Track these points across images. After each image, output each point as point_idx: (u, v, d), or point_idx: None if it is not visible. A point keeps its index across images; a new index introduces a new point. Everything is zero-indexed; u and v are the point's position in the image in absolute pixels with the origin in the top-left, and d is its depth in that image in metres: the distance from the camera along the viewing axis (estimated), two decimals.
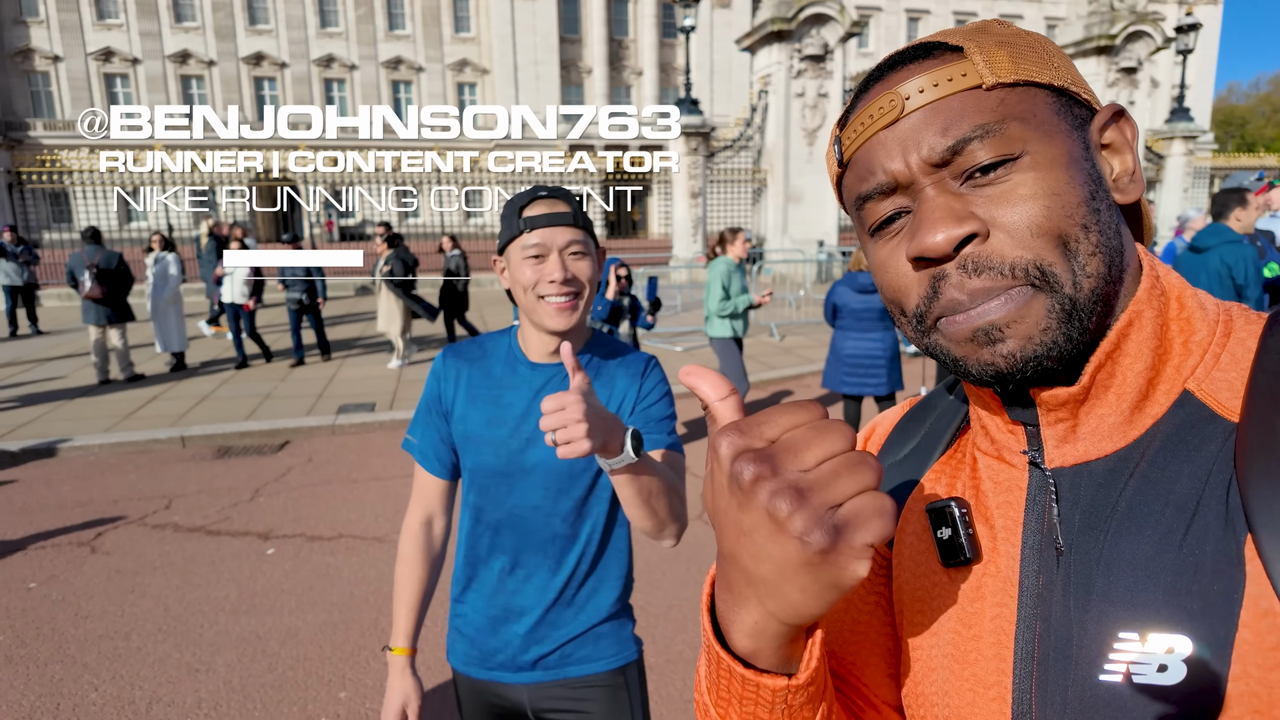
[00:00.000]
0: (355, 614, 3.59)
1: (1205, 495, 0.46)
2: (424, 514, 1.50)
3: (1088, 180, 0.50)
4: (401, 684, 1.46)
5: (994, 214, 0.49)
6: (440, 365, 1.47)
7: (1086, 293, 0.49)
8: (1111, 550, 0.49)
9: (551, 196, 1.34)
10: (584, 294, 1.33)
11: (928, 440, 0.67)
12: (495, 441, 1.38)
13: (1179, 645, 0.44)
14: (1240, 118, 60.98)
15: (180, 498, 5.22)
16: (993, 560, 0.56)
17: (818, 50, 15.66)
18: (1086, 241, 0.49)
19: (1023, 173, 0.49)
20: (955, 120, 0.50)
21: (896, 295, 0.54)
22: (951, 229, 0.49)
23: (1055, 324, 0.49)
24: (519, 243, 1.32)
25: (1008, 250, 0.49)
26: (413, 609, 1.48)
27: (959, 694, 0.56)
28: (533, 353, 1.41)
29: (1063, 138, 0.50)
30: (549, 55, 40.03)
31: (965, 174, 0.50)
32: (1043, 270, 0.48)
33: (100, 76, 37.62)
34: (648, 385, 1.44)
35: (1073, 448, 0.53)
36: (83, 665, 3.21)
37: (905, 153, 0.51)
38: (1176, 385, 0.51)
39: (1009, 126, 0.49)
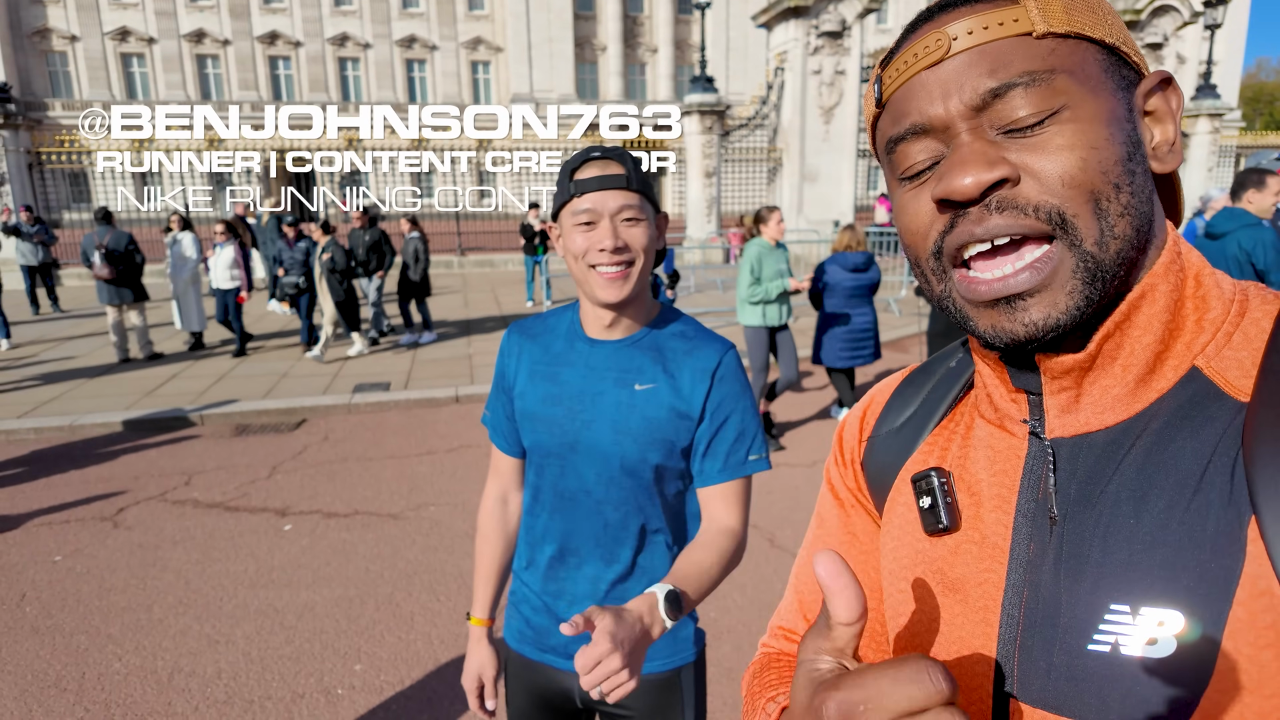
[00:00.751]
0: (370, 589, 3.65)
1: (1209, 472, 0.46)
2: (499, 490, 1.50)
3: (1127, 141, 0.49)
4: (479, 653, 1.46)
5: (1027, 161, 0.48)
6: (506, 342, 1.43)
7: (1112, 254, 0.48)
8: (1108, 522, 0.49)
9: (605, 158, 1.25)
10: (637, 263, 1.24)
11: (924, 408, 0.67)
12: (550, 420, 1.32)
13: (1170, 620, 0.45)
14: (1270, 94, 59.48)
15: (199, 474, 5.31)
16: (979, 527, 0.56)
17: (835, 26, 15.41)
18: (1117, 201, 0.48)
19: (1062, 125, 0.48)
20: (1001, 65, 0.49)
21: (914, 238, 0.54)
22: (982, 173, 0.48)
23: (1080, 286, 0.48)
24: (569, 208, 1.25)
25: (1036, 194, 0.48)
26: (490, 581, 1.48)
27: (944, 657, 0.56)
28: (590, 328, 1.34)
29: (1108, 95, 0.49)
30: (563, 32, 39.68)
31: (1004, 125, 0.49)
32: (1064, 217, 0.48)
33: (117, 56, 37.75)
34: (722, 394, 1.29)
35: (1074, 418, 0.53)
36: (107, 636, 3.29)
37: (945, 96, 0.50)
38: (1186, 361, 0.51)
39: (1056, 78, 0.48)
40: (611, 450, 1.28)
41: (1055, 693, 0.49)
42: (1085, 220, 0.48)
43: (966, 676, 0.55)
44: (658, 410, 1.28)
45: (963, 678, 0.55)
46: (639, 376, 1.29)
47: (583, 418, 1.30)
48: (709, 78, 16.05)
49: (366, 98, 40.67)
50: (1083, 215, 0.48)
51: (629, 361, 1.31)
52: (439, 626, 3.32)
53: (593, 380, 1.31)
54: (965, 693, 0.55)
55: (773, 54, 16.53)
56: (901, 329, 9.61)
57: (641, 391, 1.29)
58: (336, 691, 2.90)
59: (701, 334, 1.35)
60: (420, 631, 3.29)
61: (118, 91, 37.84)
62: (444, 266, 17.49)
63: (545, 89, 39.82)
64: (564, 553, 1.36)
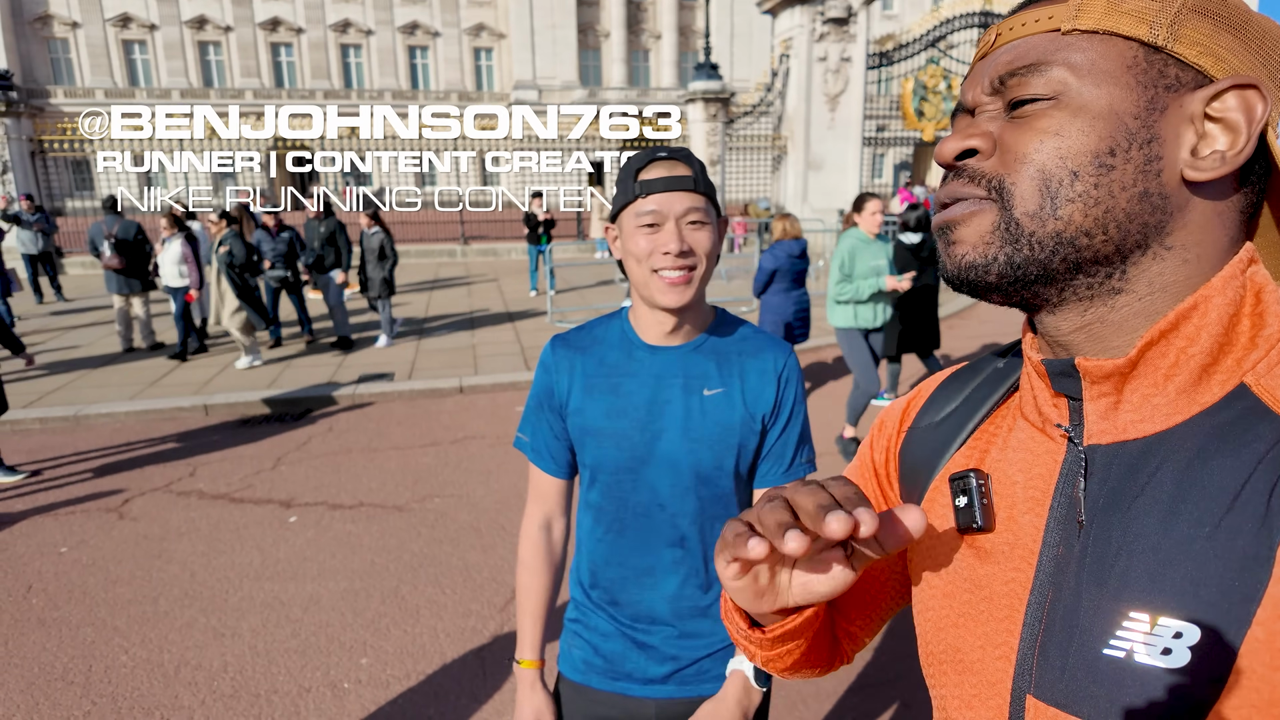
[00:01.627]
0: (376, 581, 3.65)
1: (1245, 491, 0.46)
2: (543, 516, 1.40)
3: (1117, 136, 0.50)
4: (533, 700, 1.36)
5: (1006, 138, 0.53)
6: (549, 356, 1.35)
7: (1049, 231, 0.51)
8: (1136, 531, 0.49)
9: (672, 158, 1.21)
10: (700, 268, 1.21)
11: (966, 405, 0.69)
12: (617, 434, 1.26)
13: (1187, 632, 0.45)
14: None
15: (205, 465, 5.30)
16: (1013, 529, 0.58)
17: (841, 13, 15.27)
18: (1070, 188, 0.50)
19: (1051, 112, 0.51)
20: (1019, 56, 0.53)
21: None
22: (957, 142, 0.55)
23: (998, 241, 0.53)
24: (633, 209, 1.21)
25: (990, 167, 0.54)
26: (538, 618, 1.39)
27: (969, 650, 0.59)
28: (648, 334, 1.29)
29: (1115, 90, 0.50)
30: (566, 19, 39.41)
31: (1008, 105, 0.54)
32: (1001, 185, 0.52)
33: (119, 43, 37.60)
34: (787, 396, 1.28)
35: (1113, 424, 0.53)
36: (113, 628, 3.30)
37: (978, 83, 0.57)
38: (1235, 377, 0.50)
39: (1054, 69, 0.51)
40: (686, 460, 1.24)
41: (1068, 693, 0.50)
42: (1023, 191, 0.51)
43: (987, 672, 0.57)
44: (730, 414, 1.25)
45: (983, 673, 0.57)
46: (706, 382, 1.26)
47: (652, 429, 1.25)
48: (713, 64, 15.94)
49: (369, 85, 40.50)
50: (1021, 186, 0.51)
51: (694, 367, 1.27)
52: (445, 620, 3.32)
53: (659, 389, 1.26)
54: (985, 687, 0.57)
55: (778, 41, 16.40)
56: None
57: (711, 397, 1.25)
58: (343, 685, 2.90)
59: (761, 336, 1.33)
60: (426, 625, 3.28)
61: (119, 79, 37.72)
62: (447, 255, 17.47)
63: (548, 76, 39.59)
64: (638, 573, 1.30)
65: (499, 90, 41.54)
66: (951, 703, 0.61)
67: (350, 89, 40.06)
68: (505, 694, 2.84)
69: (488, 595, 3.51)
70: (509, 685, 2.88)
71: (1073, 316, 0.54)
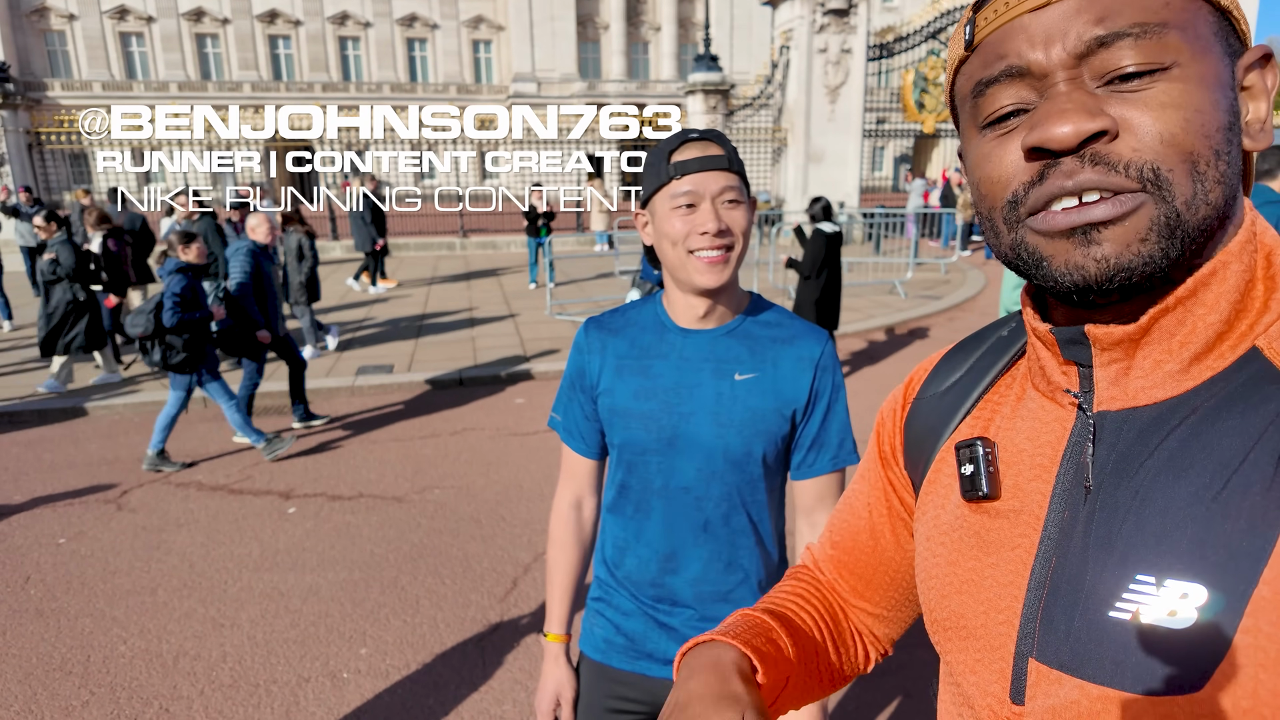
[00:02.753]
0: (375, 572, 3.64)
1: (1254, 453, 0.45)
2: (573, 495, 1.42)
3: (1230, 109, 0.48)
4: (556, 671, 1.39)
5: (1128, 116, 0.46)
6: (583, 338, 1.35)
7: (1199, 218, 0.47)
8: (1144, 495, 0.49)
9: (704, 139, 1.20)
10: (737, 247, 1.20)
11: (971, 374, 0.68)
12: (645, 415, 1.26)
13: (1194, 593, 0.45)
14: None
15: (203, 457, 5.29)
16: (1019, 495, 0.57)
17: (841, 4, 15.19)
18: (1215, 168, 0.47)
19: (1170, 83, 0.46)
20: (1113, 13, 0.46)
21: (993, 187, 0.52)
22: (1083, 122, 0.46)
23: (1156, 236, 0.47)
24: (667, 191, 1.19)
25: (1130, 152, 0.46)
26: (567, 594, 1.41)
27: (973, 615, 0.58)
28: (681, 317, 1.28)
29: (1215, 59, 0.47)
30: (565, 11, 39.24)
31: (1106, 76, 0.47)
32: (1158, 174, 0.46)
33: (116, 35, 37.44)
34: (825, 383, 1.27)
35: (1123, 391, 0.52)
36: (112, 619, 3.29)
37: (1049, 41, 0.48)
38: (1246, 341, 0.49)
39: (1168, 34, 0.46)
40: (714, 443, 1.23)
41: (1072, 655, 0.50)
42: (1180, 179, 0.46)
43: (990, 637, 0.57)
44: (761, 400, 1.24)
45: (986, 638, 0.57)
46: (738, 366, 1.25)
47: (680, 410, 1.25)
48: (713, 56, 15.87)
49: (367, 77, 40.35)
50: (1178, 174, 0.46)
51: (726, 351, 1.26)
52: (444, 610, 3.31)
53: (689, 372, 1.26)
54: (989, 651, 0.57)
55: (778, 32, 16.32)
56: (907, 311, 9.55)
57: (742, 381, 1.24)
58: (342, 675, 2.89)
59: (797, 323, 1.32)
60: (425, 615, 3.27)
61: (117, 71, 37.57)
62: (445, 249, 17.43)
63: (547, 69, 39.45)
64: (662, 555, 1.30)
65: (498, 83, 41.39)
66: (958, 668, 0.61)
67: (349, 82, 39.91)
68: (505, 684, 2.83)
69: (488, 586, 3.50)
70: (509, 675, 2.88)
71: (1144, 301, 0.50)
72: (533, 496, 4.46)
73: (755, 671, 0.64)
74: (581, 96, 37.88)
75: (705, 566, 1.29)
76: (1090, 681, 0.49)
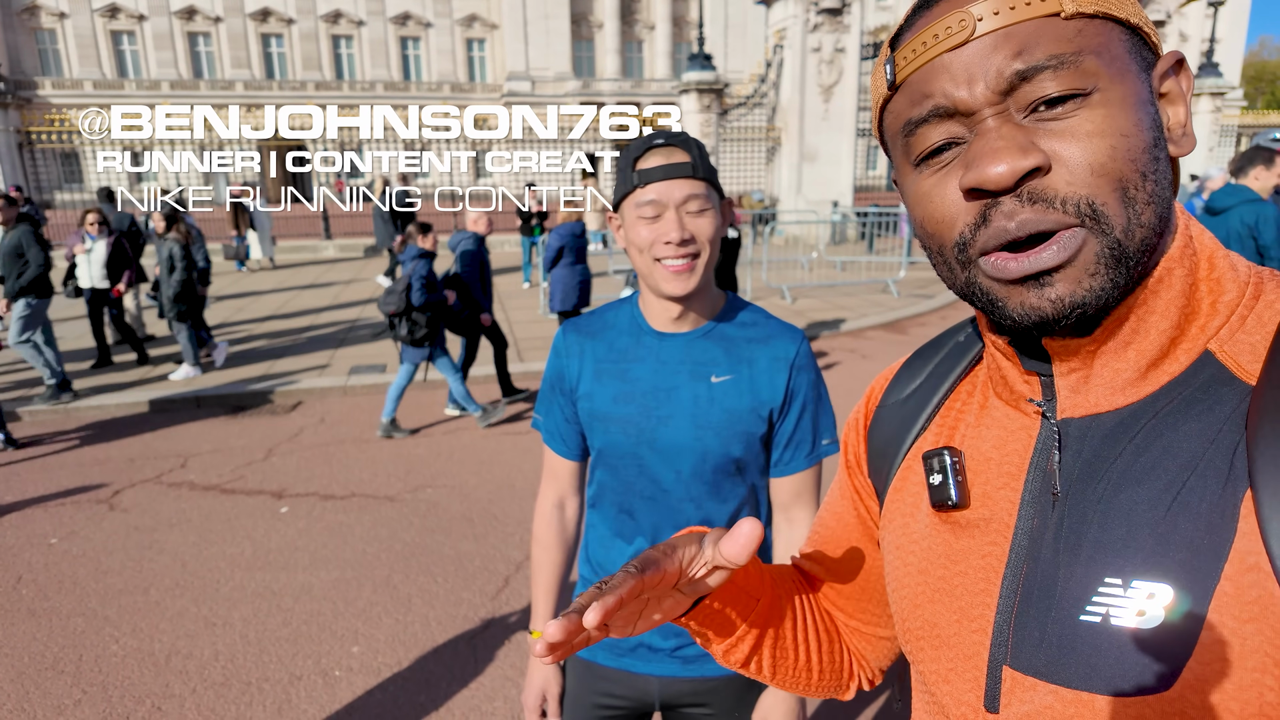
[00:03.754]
0: (368, 571, 3.65)
1: (1210, 453, 0.47)
2: (556, 496, 1.43)
3: (1152, 126, 0.49)
4: (541, 670, 1.40)
5: (1057, 149, 0.47)
6: (561, 341, 1.36)
7: (1137, 242, 0.48)
8: (1109, 499, 0.50)
9: (669, 144, 1.19)
10: (703, 255, 1.20)
11: (931, 380, 0.68)
12: (624, 419, 1.28)
13: (1160, 593, 0.46)
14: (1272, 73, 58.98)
15: (195, 456, 5.29)
16: (988, 504, 0.58)
17: (835, 3, 15.22)
18: (1144, 190, 0.48)
19: (1092, 109, 0.47)
20: (1029, 46, 0.47)
21: (938, 227, 0.52)
22: (1017, 161, 0.46)
23: (1104, 269, 0.48)
24: (633, 199, 1.20)
25: (1064, 186, 0.47)
26: (551, 593, 1.42)
27: (946, 623, 0.59)
28: (657, 320, 1.29)
29: (1133, 78, 0.48)
30: (559, 9, 39.22)
31: (1031, 106, 0.48)
32: (1094, 209, 0.47)
33: (107, 34, 37.29)
34: (801, 382, 1.28)
35: (1085, 398, 0.53)
36: (104, 618, 3.29)
37: (972, 79, 0.49)
38: (1199, 345, 0.51)
39: (1085, 60, 0.47)
40: (692, 446, 1.25)
41: (1046, 661, 0.51)
42: (1113, 209, 0.47)
43: (964, 645, 0.57)
44: (738, 401, 1.25)
45: (959, 647, 0.57)
46: (714, 368, 1.26)
47: (659, 414, 1.26)
48: (707, 55, 15.88)
49: (360, 76, 40.26)
50: (1111, 204, 0.47)
51: (702, 354, 1.27)
52: (436, 608, 3.32)
53: (666, 375, 1.27)
54: (962, 660, 0.57)
55: (772, 31, 16.35)
56: (900, 310, 9.59)
57: (719, 384, 1.26)
58: (334, 673, 2.90)
59: (773, 322, 1.32)
60: (418, 613, 3.29)
61: (108, 70, 37.41)
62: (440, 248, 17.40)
63: (541, 67, 39.42)
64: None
65: (492, 82, 41.34)
66: (931, 677, 0.61)
67: (342, 80, 39.81)
68: (496, 681, 2.85)
69: (480, 584, 3.52)
70: (500, 673, 2.89)
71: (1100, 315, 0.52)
72: (525, 495, 4.47)
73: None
74: (576, 95, 37.85)
75: None
76: (1064, 686, 0.49)
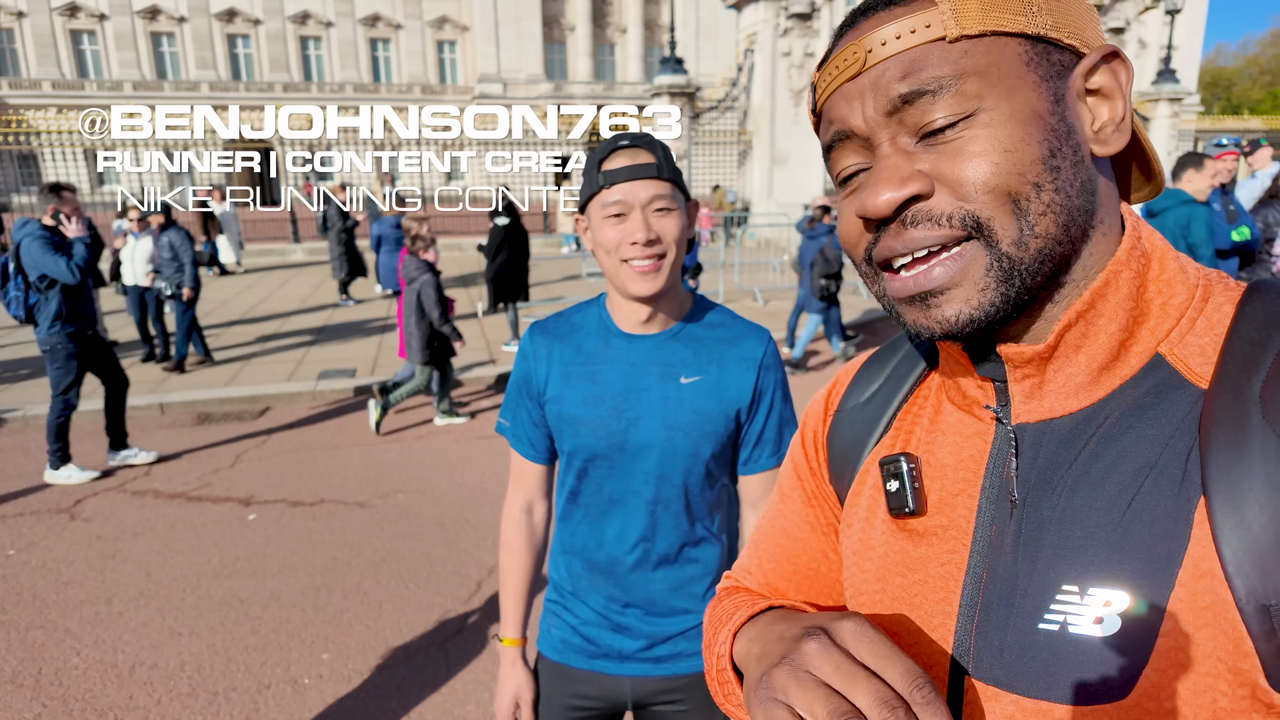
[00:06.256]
0: (338, 577, 3.61)
1: (1163, 458, 0.47)
2: (524, 500, 1.43)
3: (1050, 136, 0.49)
4: (513, 676, 1.40)
5: (942, 170, 0.49)
6: (528, 344, 1.36)
7: (1032, 253, 0.48)
8: (1065, 506, 0.50)
9: (634, 146, 1.20)
10: (669, 255, 1.21)
11: (889, 384, 0.68)
12: (593, 421, 1.27)
13: (1117, 600, 0.46)
14: (1227, 79, 60.69)
15: (160, 464, 5.19)
16: (945, 511, 0.57)
17: (804, 8, 15.39)
18: (1038, 200, 0.48)
19: (976, 130, 0.48)
20: (914, 71, 0.49)
21: (849, 246, 0.56)
22: (893, 191, 0.49)
23: (994, 283, 0.49)
24: (598, 200, 1.21)
25: (948, 205, 0.49)
26: (521, 598, 1.42)
27: (906, 634, 0.58)
28: (624, 322, 1.30)
29: (1027, 91, 0.48)
30: (531, 11, 39.11)
31: (920, 131, 0.49)
32: (979, 221, 0.48)
33: (66, 33, 36.41)
34: (768, 381, 1.30)
35: (1039, 404, 0.54)
36: (64, 630, 3.22)
37: (863, 105, 0.51)
38: (1150, 348, 0.51)
39: (966, 83, 0.48)
40: (663, 447, 1.25)
41: (1006, 670, 0.50)
42: (1002, 222, 0.48)
43: (925, 655, 0.56)
44: (707, 402, 1.26)
45: (920, 657, 0.57)
46: (684, 369, 1.27)
47: (629, 416, 1.26)
48: (679, 59, 15.93)
49: (329, 78, 39.77)
50: (999, 218, 0.48)
51: (672, 355, 1.28)
52: (408, 614, 3.30)
53: (635, 377, 1.27)
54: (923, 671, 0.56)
55: (742, 36, 16.48)
56: (869, 311, 9.70)
57: (688, 385, 1.26)
58: (303, 681, 2.87)
59: (740, 323, 1.34)
60: (389, 619, 3.26)
61: (68, 70, 36.53)
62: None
63: (513, 69, 39.27)
64: (614, 556, 1.32)
65: (463, 84, 41.07)
66: None
67: (310, 82, 39.29)
68: (468, 686, 2.84)
69: (451, 589, 3.50)
70: (472, 677, 2.88)
71: (1022, 321, 0.53)
72: (498, 498, 4.45)
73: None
74: (548, 98, 37.75)
75: (656, 566, 1.31)
76: (1025, 696, 0.49)
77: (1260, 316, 0.48)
